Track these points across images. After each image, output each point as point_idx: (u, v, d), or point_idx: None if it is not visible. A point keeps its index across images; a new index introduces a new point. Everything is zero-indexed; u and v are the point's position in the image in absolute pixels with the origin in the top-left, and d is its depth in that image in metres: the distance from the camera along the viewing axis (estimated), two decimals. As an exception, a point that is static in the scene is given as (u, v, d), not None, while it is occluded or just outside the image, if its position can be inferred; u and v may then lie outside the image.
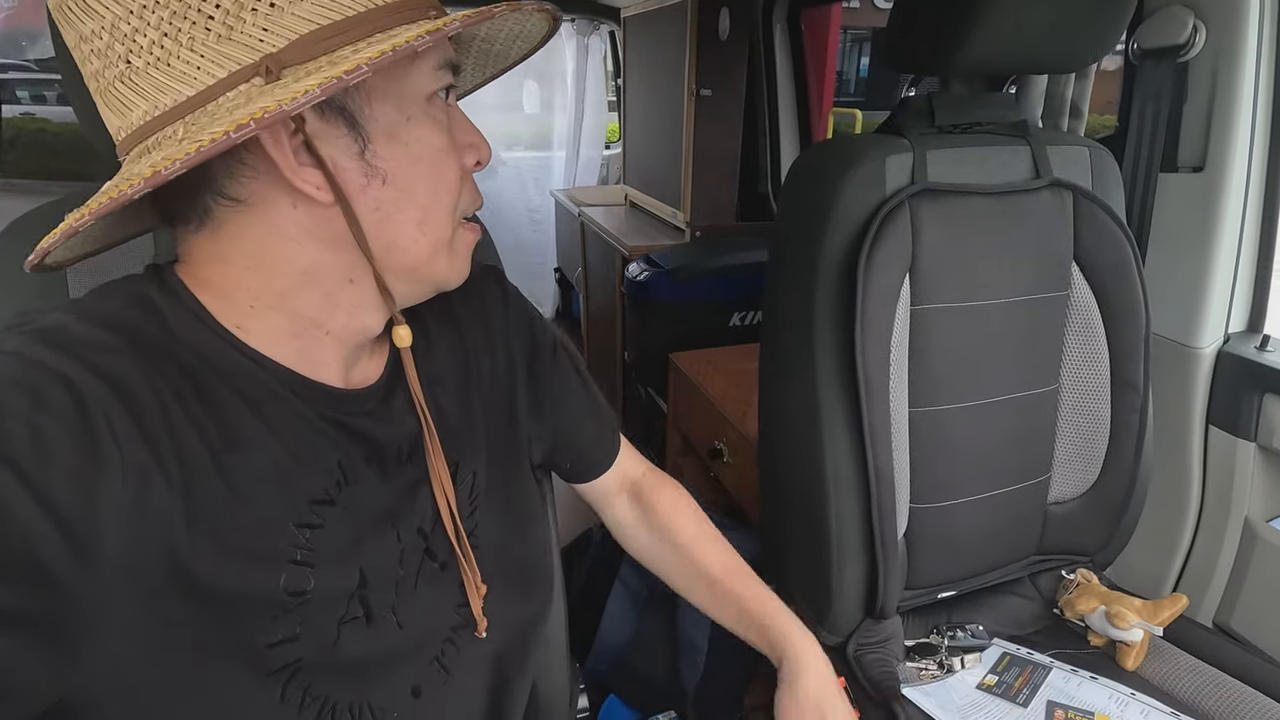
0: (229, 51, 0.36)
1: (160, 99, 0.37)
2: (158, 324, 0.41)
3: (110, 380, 0.36)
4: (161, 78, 0.37)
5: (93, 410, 0.35)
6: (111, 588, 0.35)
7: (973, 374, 0.89)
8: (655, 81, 2.36)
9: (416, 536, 0.51)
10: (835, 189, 0.82)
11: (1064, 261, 0.90)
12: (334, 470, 0.45)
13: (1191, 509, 1.11)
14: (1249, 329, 1.09)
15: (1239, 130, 0.99)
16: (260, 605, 0.40)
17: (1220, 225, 1.02)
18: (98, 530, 0.34)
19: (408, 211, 0.43)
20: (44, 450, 0.33)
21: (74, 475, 0.33)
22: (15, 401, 0.33)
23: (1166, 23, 0.99)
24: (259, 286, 0.43)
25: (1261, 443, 1.02)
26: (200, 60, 0.36)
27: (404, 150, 0.42)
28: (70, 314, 0.39)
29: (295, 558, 0.42)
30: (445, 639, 0.52)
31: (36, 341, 0.36)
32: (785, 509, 0.98)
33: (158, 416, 0.38)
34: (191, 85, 0.37)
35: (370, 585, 0.46)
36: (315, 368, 0.46)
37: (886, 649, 0.91)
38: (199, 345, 0.41)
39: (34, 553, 0.32)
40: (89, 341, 0.37)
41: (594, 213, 2.61)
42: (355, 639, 0.45)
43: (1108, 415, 0.94)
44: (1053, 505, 0.98)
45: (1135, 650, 0.88)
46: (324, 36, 0.37)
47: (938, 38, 0.81)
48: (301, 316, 0.44)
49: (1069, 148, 0.91)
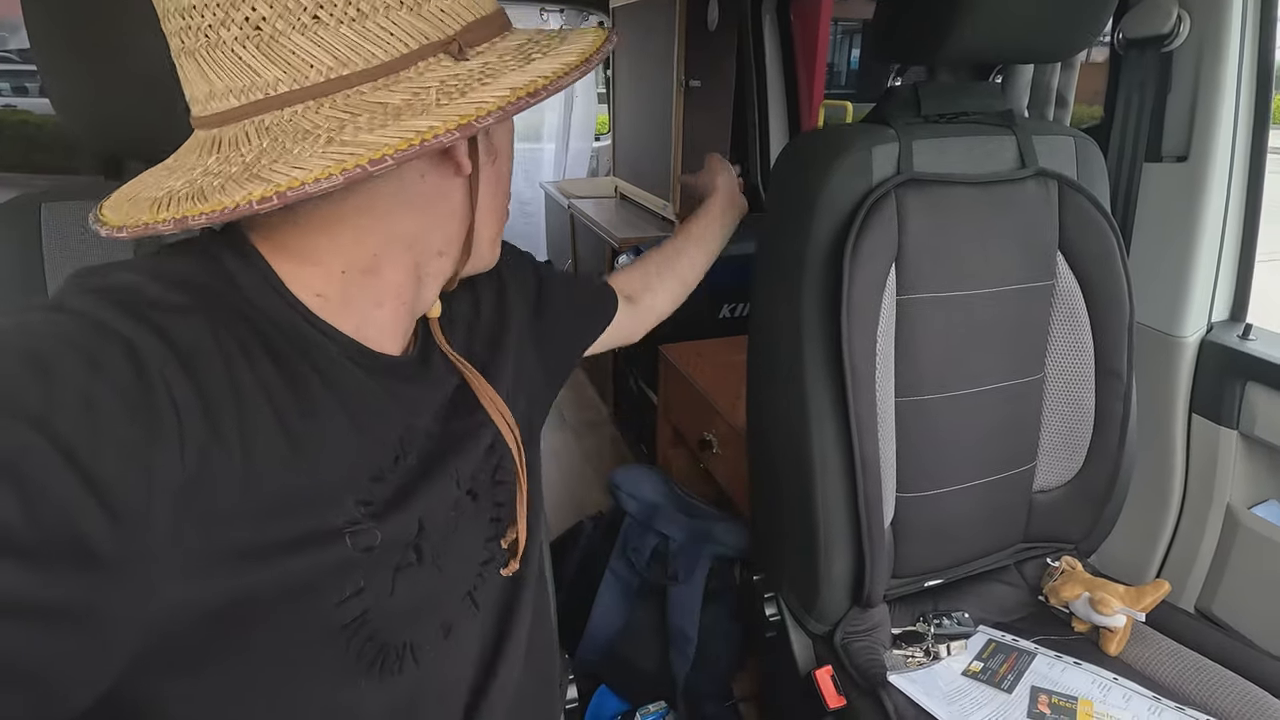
0: (417, 25, 0.37)
1: (352, 57, 0.36)
2: (230, 287, 0.40)
3: (176, 344, 0.35)
4: (354, 36, 0.36)
5: (153, 377, 0.33)
6: (164, 566, 0.33)
7: (959, 363, 0.89)
8: (644, 73, 2.35)
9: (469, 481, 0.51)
10: (821, 179, 0.82)
11: (1049, 251, 0.90)
12: (394, 445, 0.45)
13: (1174, 496, 1.12)
14: (1231, 318, 1.10)
15: (1222, 120, 0.99)
16: (325, 569, 0.40)
17: (1203, 215, 1.02)
18: (149, 508, 0.32)
19: (498, 196, 0.48)
20: (95, 423, 0.31)
21: (127, 450, 0.31)
22: (70, 367, 0.31)
23: (1151, 12, 1.00)
24: (361, 252, 0.42)
25: (1243, 430, 1.04)
26: (394, 27, 0.37)
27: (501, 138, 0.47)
28: (142, 273, 0.37)
29: (356, 525, 0.41)
30: (476, 574, 0.52)
31: (105, 302, 0.34)
32: (774, 499, 0.98)
33: (225, 381, 0.36)
34: (385, 50, 0.37)
35: (426, 532, 0.46)
36: (381, 338, 0.46)
37: (873, 637, 0.92)
38: (270, 310, 0.40)
39: (75, 535, 0.30)
40: (160, 302, 0.36)
41: (584, 205, 2.60)
42: (407, 583, 0.45)
43: (1092, 404, 0.94)
44: (1038, 494, 0.99)
45: (1118, 636, 0.89)
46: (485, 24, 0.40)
47: (924, 27, 0.81)
48: (389, 284, 0.44)
49: (1054, 137, 0.91)
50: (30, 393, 0.30)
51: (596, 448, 2.38)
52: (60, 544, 0.29)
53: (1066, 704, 0.81)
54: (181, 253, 0.41)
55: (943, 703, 0.82)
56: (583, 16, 3.20)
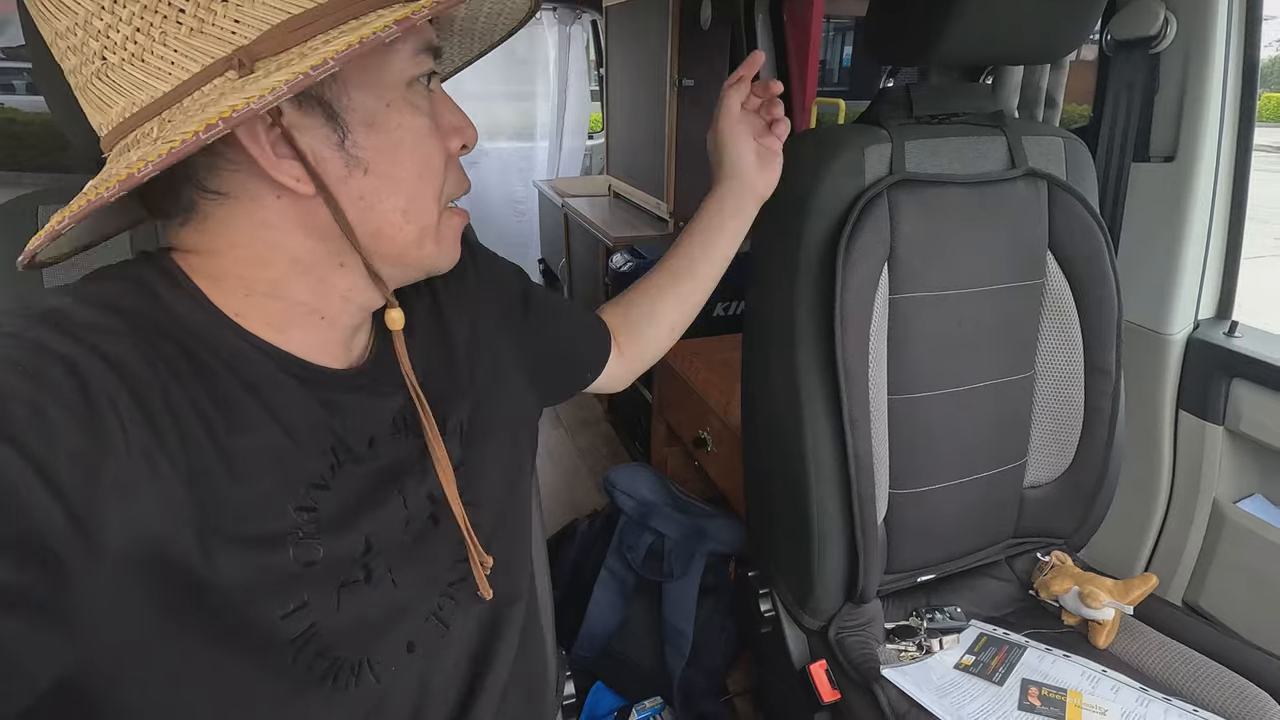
0: (202, 45, 0.36)
1: (137, 95, 0.37)
2: (157, 307, 0.41)
3: (112, 363, 0.36)
4: (137, 74, 0.36)
5: (96, 392, 0.35)
6: (115, 568, 0.34)
7: (950, 362, 0.90)
8: (638, 71, 2.36)
9: (425, 502, 0.51)
10: (815, 179, 0.83)
11: (1039, 250, 0.92)
12: (328, 453, 0.45)
13: (1162, 492, 1.14)
14: (1218, 315, 1.12)
15: (1209, 120, 1.01)
16: (269, 580, 0.41)
17: (1190, 214, 1.04)
18: (102, 511, 0.34)
19: (391, 199, 0.43)
20: (48, 431, 0.32)
21: (78, 456, 0.33)
22: (18, 384, 0.33)
23: (1139, 14, 1.01)
24: (251, 276, 0.43)
25: (1229, 426, 1.05)
26: (174, 55, 0.36)
27: (385, 138, 0.42)
28: (69, 297, 0.39)
29: (298, 536, 0.42)
30: (442, 594, 0.52)
31: (37, 324, 0.36)
32: (768, 496, 0.99)
33: (159, 399, 0.37)
34: (166, 81, 0.36)
35: (374, 549, 0.47)
36: (314, 351, 0.46)
37: (867, 632, 0.93)
38: (198, 329, 0.41)
39: (39, 531, 0.31)
40: (90, 324, 0.37)
41: (577, 203, 2.60)
42: (353, 601, 0.45)
43: (1081, 401, 0.96)
44: (1028, 489, 1.00)
45: (1107, 629, 0.90)
46: (296, 26, 0.36)
47: (916, 28, 0.82)
48: (297, 303, 0.44)
49: (1044, 138, 0.92)
50: None
51: (591, 446, 2.38)
52: (28, 540, 0.31)
53: (1056, 696, 0.82)
54: (108, 278, 0.42)
55: (935, 696, 0.83)
56: (576, 15, 3.20)
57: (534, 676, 0.66)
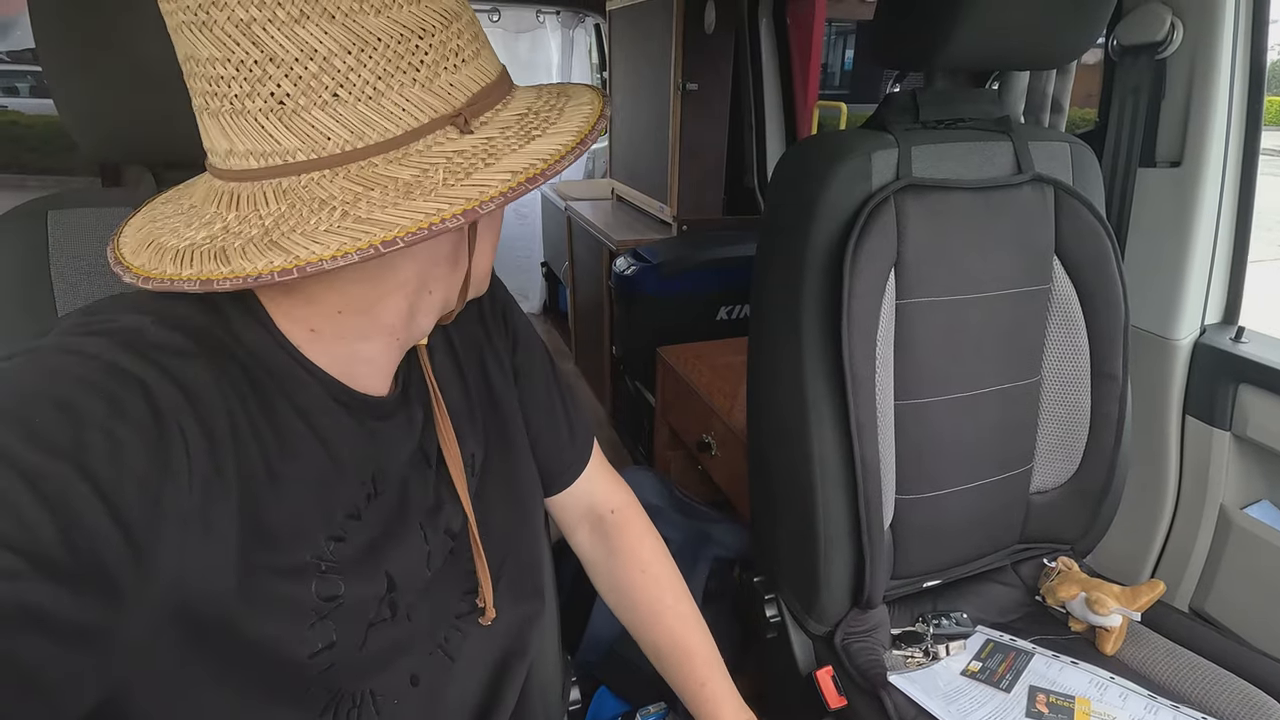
0: (427, 99, 0.39)
1: (366, 131, 0.38)
2: (224, 328, 0.42)
3: (185, 388, 0.37)
4: (369, 112, 0.37)
5: (168, 419, 0.36)
6: (161, 598, 0.35)
7: (957, 367, 0.90)
8: (641, 75, 2.36)
9: (444, 537, 0.52)
10: (822, 184, 0.83)
11: (1045, 255, 0.91)
12: (367, 484, 0.46)
13: (1169, 497, 1.13)
14: (1224, 321, 1.11)
15: (1215, 126, 1.01)
16: (298, 614, 0.41)
17: (1197, 219, 1.04)
18: (159, 540, 0.35)
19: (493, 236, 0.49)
20: (120, 460, 0.34)
21: (145, 485, 0.34)
22: (95, 408, 0.34)
23: (1145, 20, 1.01)
24: (361, 296, 0.43)
25: (1236, 432, 1.05)
26: (405, 103, 0.38)
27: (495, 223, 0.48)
28: (145, 315, 0.39)
29: (321, 568, 0.43)
30: (450, 625, 0.53)
31: (117, 344, 0.37)
32: (773, 501, 0.99)
33: (225, 424, 0.39)
34: (396, 125, 0.38)
35: (399, 588, 0.48)
36: (362, 378, 0.47)
37: (873, 638, 0.93)
38: (259, 351, 0.42)
39: (102, 564, 0.32)
40: (165, 345, 0.38)
41: (581, 207, 2.60)
42: (378, 638, 0.46)
43: (1088, 406, 0.95)
44: (1035, 495, 1.00)
45: (1114, 635, 0.90)
46: (489, 92, 0.41)
47: (923, 34, 0.82)
48: (382, 324, 0.45)
49: (1050, 143, 0.92)
50: (63, 433, 0.33)
51: (594, 449, 2.37)
52: (88, 569, 0.32)
53: (1064, 703, 0.82)
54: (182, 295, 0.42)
55: (942, 702, 0.83)
56: (579, 19, 3.20)
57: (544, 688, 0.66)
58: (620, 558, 0.71)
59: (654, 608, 0.70)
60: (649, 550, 0.72)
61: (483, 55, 0.42)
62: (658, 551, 0.72)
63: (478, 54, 0.41)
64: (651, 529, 0.73)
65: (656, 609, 0.69)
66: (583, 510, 0.73)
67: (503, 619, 0.56)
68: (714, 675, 0.67)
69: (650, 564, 0.71)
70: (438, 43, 0.38)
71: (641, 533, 0.72)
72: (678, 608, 0.70)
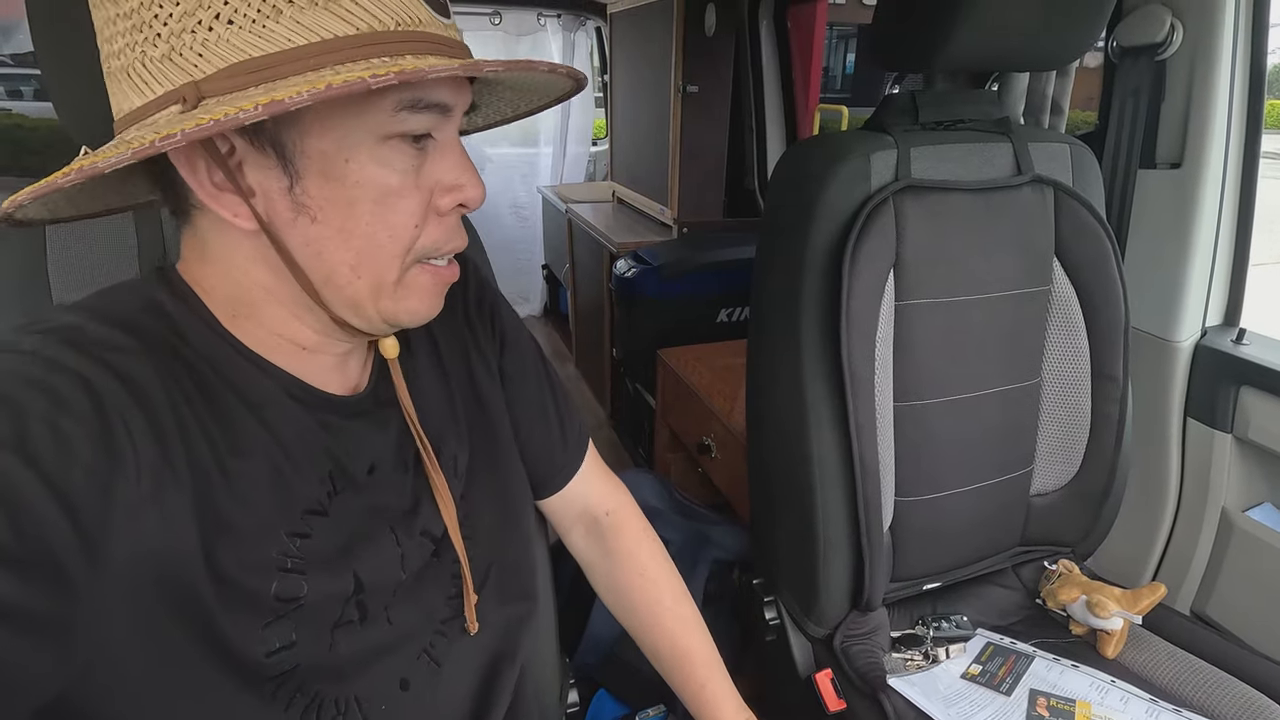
0: (169, 73, 0.37)
1: (123, 104, 0.39)
2: (167, 326, 0.41)
3: (126, 381, 0.37)
4: (125, 85, 0.38)
5: (110, 411, 0.36)
6: (115, 588, 0.35)
7: (957, 368, 0.90)
8: (642, 78, 2.36)
9: (421, 540, 0.51)
10: (821, 184, 0.83)
11: (1045, 257, 0.91)
12: (325, 480, 0.46)
13: (1170, 500, 1.13)
14: (1225, 323, 1.11)
15: (1215, 127, 1.00)
16: (254, 613, 0.41)
17: (1197, 221, 1.03)
18: (109, 529, 0.34)
19: (339, 252, 0.41)
20: (65, 449, 0.34)
21: (92, 473, 0.34)
22: (36, 402, 0.34)
23: (1145, 21, 1.01)
24: (233, 296, 0.43)
25: (1238, 434, 1.05)
26: (149, 75, 0.37)
27: (339, 191, 0.40)
28: (83, 315, 0.40)
29: (285, 566, 0.42)
30: (435, 631, 0.52)
31: (54, 341, 0.37)
32: (773, 503, 0.99)
33: (170, 418, 0.38)
34: (140, 97, 0.38)
35: (368, 589, 0.47)
36: (312, 374, 0.46)
37: (873, 640, 0.92)
38: (205, 348, 0.42)
39: (51, 550, 0.32)
40: (105, 341, 0.38)
41: (581, 209, 2.60)
42: (348, 640, 0.45)
43: (1088, 408, 0.95)
44: (1035, 497, 1.00)
45: (1115, 638, 0.90)
46: (255, 69, 0.36)
47: (922, 35, 0.82)
48: (273, 332, 0.45)
49: (1050, 144, 0.92)
50: (5, 425, 0.33)
51: (594, 451, 2.37)
52: (37, 555, 0.32)
53: (1065, 706, 0.81)
54: (121, 295, 0.43)
55: (942, 705, 0.82)
56: (580, 22, 3.21)
57: (540, 692, 0.66)
58: (617, 560, 0.71)
59: (653, 609, 0.69)
60: (647, 552, 0.71)
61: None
62: (656, 553, 0.72)
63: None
64: (649, 530, 0.73)
65: (656, 611, 0.69)
66: (577, 512, 0.72)
67: (490, 623, 0.55)
68: (714, 677, 0.67)
69: (648, 566, 0.71)
70: None
71: (639, 534, 0.72)
72: (677, 609, 0.69)
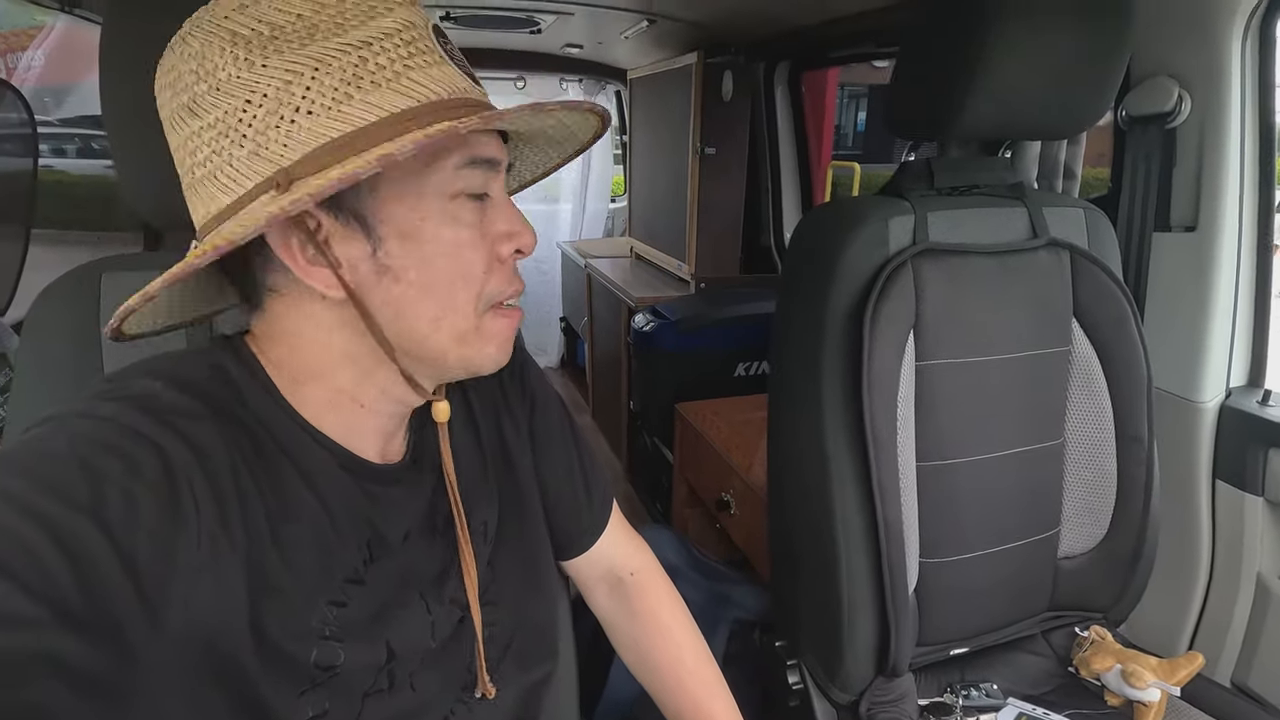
0: (258, 167, 0.40)
1: (211, 206, 0.42)
2: (233, 394, 0.44)
3: (195, 448, 0.40)
4: (213, 189, 0.42)
5: (179, 476, 0.38)
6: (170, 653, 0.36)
7: (978, 428, 0.90)
8: (660, 139, 2.44)
9: (450, 607, 0.52)
10: (840, 248, 0.85)
11: (1064, 318, 0.92)
12: (363, 548, 0.47)
13: (1202, 564, 1.10)
14: (1250, 383, 1.10)
15: (1228, 191, 1.02)
16: (293, 680, 0.42)
17: (1215, 282, 1.04)
18: (168, 596, 0.36)
19: (421, 307, 0.44)
20: (134, 515, 0.36)
21: (157, 539, 0.36)
22: (112, 467, 0.36)
23: (1153, 92, 1.04)
24: (300, 363, 0.46)
25: (1269, 497, 1.02)
26: (236, 174, 0.40)
27: (418, 249, 0.43)
28: (157, 380, 0.42)
29: (325, 634, 0.44)
30: (456, 698, 0.52)
31: (131, 408, 0.40)
32: (795, 563, 0.98)
33: (231, 484, 0.40)
34: (230, 195, 0.41)
35: (399, 658, 0.48)
36: (357, 441, 0.48)
37: (900, 708, 0.90)
38: (264, 414, 0.45)
39: (114, 615, 0.34)
40: (177, 409, 0.41)
41: (600, 264, 2.66)
42: (375, 708, 0.46)
43: (1114, 469, 0.94)
44: (1063, 560, 0.98)
45: (1153, 711, 0.86)
46: (335, 148, 0.39)
47: (936, 105, 0.85)
48: (341, 391, 0.47)
49: (1065, 209, 0.94)
50: (83, 489, 0.35)
51: (610, 505, 2.35)
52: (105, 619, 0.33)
53: (1103, 783, 0.78)
54: (194, 362, 0.46)
55: (974, 780, 0.80)
56: (600, 86, 3.34)
57: None
58: (641, 620, 0.70)
59: (675, 671, 0.68)
60: (669, 613, 0.71)
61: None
62: (679, 614, 0.71)
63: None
64: (673, 591, 0.72)
65: (678, 672, 0.68)
66: (601, 571, 0.72)
67: (511, 688, 0.56)
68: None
69: (672, 627, 0.70)
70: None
71: (662, 595, 0.71)
72: (700, 672, 0.68)
